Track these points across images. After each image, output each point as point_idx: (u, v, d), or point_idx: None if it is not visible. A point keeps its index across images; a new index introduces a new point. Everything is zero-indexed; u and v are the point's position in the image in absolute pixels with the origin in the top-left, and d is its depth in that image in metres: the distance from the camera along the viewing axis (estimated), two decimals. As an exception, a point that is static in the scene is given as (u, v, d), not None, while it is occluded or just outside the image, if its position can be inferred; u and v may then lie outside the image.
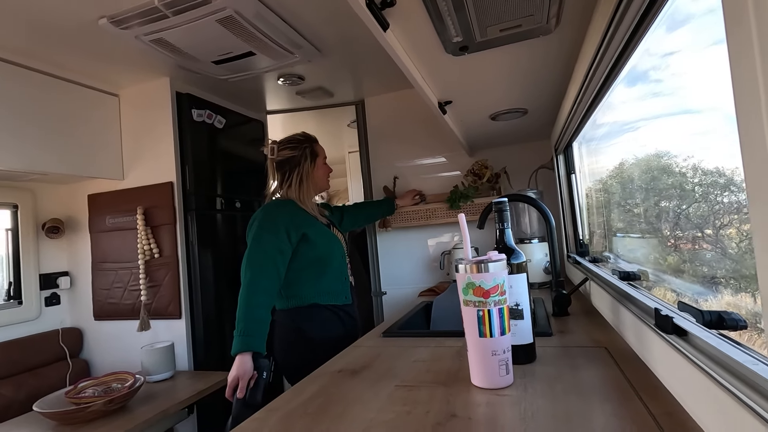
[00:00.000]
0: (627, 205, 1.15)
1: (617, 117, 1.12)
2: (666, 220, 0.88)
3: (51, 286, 2.07)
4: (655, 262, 0.96)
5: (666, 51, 0.78)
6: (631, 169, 1.08)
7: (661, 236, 0.92)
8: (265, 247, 1.44)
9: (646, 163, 0.98)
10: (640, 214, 1.06)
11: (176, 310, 1.89)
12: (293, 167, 1.60)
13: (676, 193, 0.83)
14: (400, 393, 0.78)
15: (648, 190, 0.97)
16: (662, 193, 0.89)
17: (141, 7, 1.38)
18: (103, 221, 2.04)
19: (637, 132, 1.04)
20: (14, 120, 1.63)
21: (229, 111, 2.23)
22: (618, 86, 0.99)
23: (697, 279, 0.77)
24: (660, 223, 0.92)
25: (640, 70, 0.88)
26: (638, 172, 1.04)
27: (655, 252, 0.97)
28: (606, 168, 1.32)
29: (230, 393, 1.28)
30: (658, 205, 0.92)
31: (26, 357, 1.88)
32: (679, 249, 0.85)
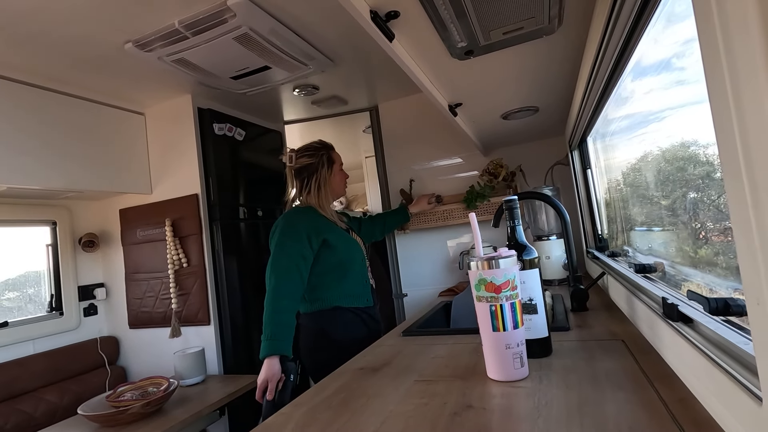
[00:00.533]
0: (653, 198, 1.11)
1: (640, 108, 1.10)
2: (696, 211, 0.86)
3: (88, 297, 2.19)
4: (684, 255, 0.94)
5: (688, 38, 0.77)
6: (657, 160, 1.06)
7: (690, 228, 0.90)
8: (288, 253, 1.49)
9: (672, 153, 0.96)
10: (667, 206, 1.04)
11: (205, 317, 1.97)
12: (311, 174, 1.65)
13: (703, 184, 0.81)
14: (418, 387, 0.81)
15: (675, 181, 0.95)
16: (689, 184, 0.87)
17: (162, 30, 1.46)
18: (134, 234, 2.14)
19: (662, 122, 1.01)
20: (51, 142, 1.74)
21: (248, 123, 2.32)
22: (641, 77, 0.98)
23: (730, 272, 0.76)
24: (689, 215, 0.89)
25: (663, 59, 0.87)
26: (663, 163, 1.02)
27: (684, 245, 0.95)
28: (628, 161, 1.30)
29: (260, 395, 1.33)
30: (686, 196, 0.89)
31: (68, 365, 1.99)
32: (711, 241, 0.83)
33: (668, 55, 0.83)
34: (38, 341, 1.96)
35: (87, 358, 2.07)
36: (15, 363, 1.81)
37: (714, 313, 0.55)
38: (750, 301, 0.34)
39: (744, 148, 0.32)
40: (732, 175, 0.35)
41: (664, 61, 0.85)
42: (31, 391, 1.82)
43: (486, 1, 0.79)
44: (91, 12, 1.33)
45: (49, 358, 1.93)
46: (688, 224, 0.85)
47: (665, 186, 0.96)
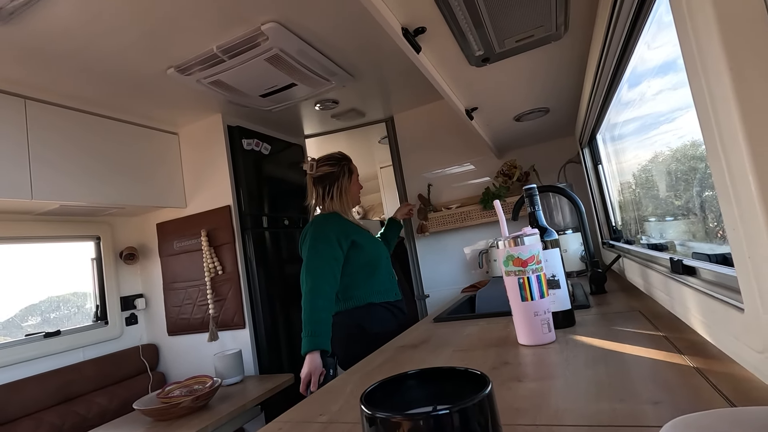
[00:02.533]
0: (667, 197, 1.15)
1: (648, 110, 1.16)
2: (710, 210, 0.88)
3: (130, 307, 2.32)
4: (694, 234, 0.97)
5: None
6: (668, 161, 1.11)
7: (707, 227, 0.93)
8: (320, 256, 1.60)
9: (683, 153, 1.01)
10: (680, 205, 1.08)
11: (240, 321, 2.09)
12: (332, 182, 1.77)
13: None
14: (458, 355, 0.91)
15: (688, 181, 0.99)
16: (703, 183, 0.90)
17: (202, 55, 1.62)
18: (170, 246, 2.29)
19: (673, 123, 1.06)
20: (96, 163, 1.90)
21: (273, 138, 2.47)
22: (649, 78, 1.05)
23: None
24: (703, 213, 0.92)
25: (670, 60, 0.94)
26: (675, 164, 1.06)
27: (693, 229, 0.99)
28: (638, 163, 1.36)
29: (304, 388, 1.43)
30: (701, 195, 0.93)
31: (114, 371, 2.11)
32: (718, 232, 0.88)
33: (673, 56, 0.91)
34: (87, 349, 2.09)
35: (130, 365, 2.19)
36: (69, 369, 1.94)
37: (715, 262, 0.65)
38: (730, 232, 0.44)
39: (720, 138, 0.43)
40: (715, 162, 0.45)
41: (669, 62, 0.94)
42: (84, 395, 1.94)
43: (501, 13, 0.91)
44: (138, 42, 1.49)
45: (97, 365, 2.06)
46: (700, 218, 0.91)
47: (677, 185, 1.02)
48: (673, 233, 1.12)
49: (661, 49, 0.89)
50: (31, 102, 1.69)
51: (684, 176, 0.95)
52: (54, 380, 1.85)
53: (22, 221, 1.94)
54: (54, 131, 1.75)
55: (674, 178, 1.04)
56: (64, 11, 1.27)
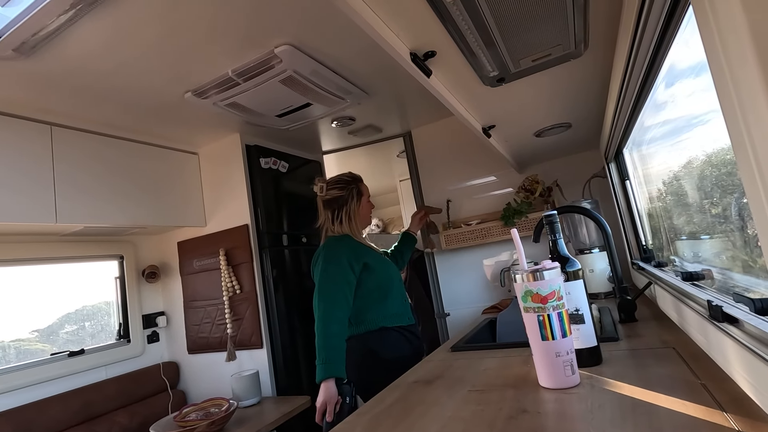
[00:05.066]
0: (703, 204, 1.06)
1: (680, 113, 1.07)
2: (746, 217, 0.81)
3: (151, 325, 2.35)
4: (743, 264, 0.90)
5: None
6: (702, 166, 1.02)
7: (747, 236, 0.85)
8: (333, 280, 1.58)
9: (719, 157, 0.93)
10: (718, 213, 0.99)
11: (258, 341, 2.07)
12: (341, 205, 1.75)
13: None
14: (473, 396, 0.85)
15: (725, 187, 0.91)
16: (742, 188, 0.80)
17: (218, 79, 1.63)
18: (191, 264, 2.31)
19: (708, 125, 0.97)
20: (119, 184, 1.94)
21: (290, 156, 2.47)
22: (683, 79, 0.97)
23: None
24: (744, 222, 0.85)
25: (703, 60, 0.85)
26: (710, 168, 0.98)
27: (742, 254, 0.91)
28: (670, 169, 1.27)
29: (320, 417, 1.40)
30: (740, 201, 0.85)
31: (135, 389, 2.13)
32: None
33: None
34: (109, 367, 2.12)
35: (151, 383, 2.21)
36: (91, 387, 1.97)
37: (760, 313, 0.58)
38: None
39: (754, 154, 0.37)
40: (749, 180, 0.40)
41: (702, 64, 0.84)
42: (105, 414, 1.96)
43: (514, 35, 0.86)
44: (157, 68, 1.52)
45: (119, 383, 2.08)
46: (738, 231, 0.85)
47: (713, 193, 0.95)
48: (710, 254, 1.03)
49: (694, 48, 0.82)
50: (57, 128, 1.74)
51: (720, 187, 0.87)
52: (77, 399, 1.88)
53: (49, 242, 2.00)
54: (78, 155, 1.80)
55: (707, 191, 0.95)
56: (83, 43, 1.30)
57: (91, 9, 1.16)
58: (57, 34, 1.24)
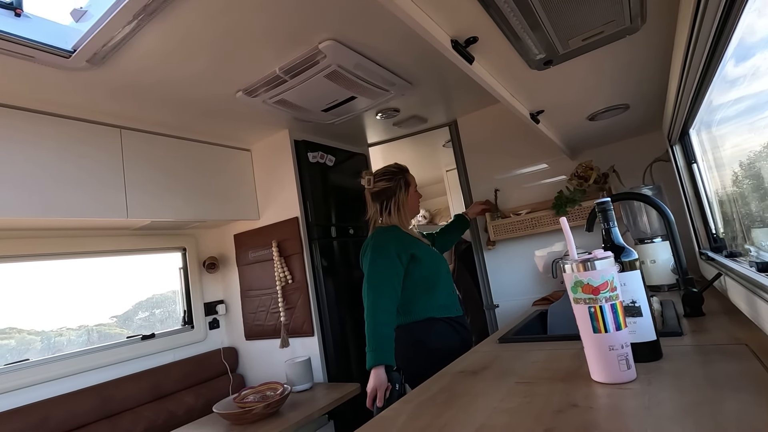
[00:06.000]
0: None
1: (763, 87, 0.98)
2: None
3: (212, 313, 2.51)
4: None
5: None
6: None
7: None
8: (380, 271, 1.60)
9: None
10: None
11: (309, 329, 2.15)
12: (389, 197, 1.77)
13: None
14: (520, 388, 0.84)
15: None
16: None
17: (266, 77, 1.69)
18: (246, 256, 2.43)
19: None
20: (181, 181, 2.08)
21: (337, 149, 2.52)
22: (760, 52, 0.88)
23: None
24: None
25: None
26: None
27: None
28: (751, 150, 1.16)
29: (370, 403, 1.44)
30: None
31: (199, 372, 2.29)
32: None
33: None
34: (176, 351, 2.29)
35: (213, 367, 2.36)
36: (160, 369, 2.14)
37: None
38: None
39: None
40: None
41: None
42: (173, 393, 2.13)
43: (562, 14, 0.82)
44: (209, 70, 1.60)
45: (185, 366, 2.25)
46: None
47: None
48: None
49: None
50: (125, 131, 1.89)
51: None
52: (148, 379, 2.06)
53: (122, 236, 2.18)
54: (144, 156, 1.95)
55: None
56: (145, 50, 1.40)
57: (151, 19, 1.25)
58: (123, 44, 1.35)
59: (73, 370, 1.87)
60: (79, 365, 1.89)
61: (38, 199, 1.58)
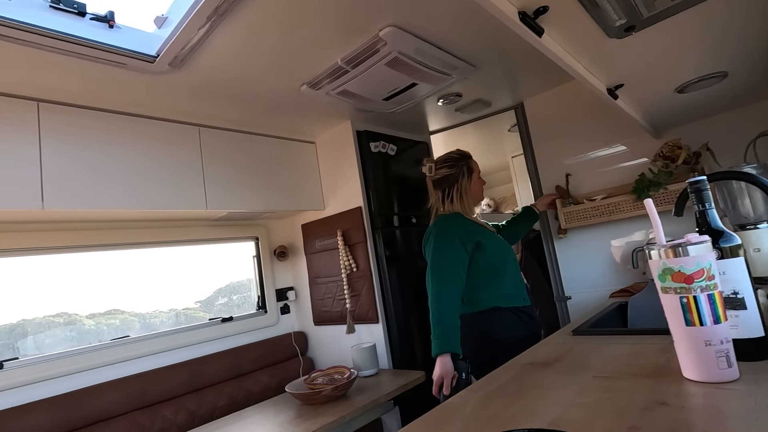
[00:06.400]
0: None
1: None
2: None
3: (283, 299, 2.65)
4: None
5: None
6: None
7: None
8: (444, 258, 1.58)
9: None
10: None
11: (374, 316, 2.19)
12: (452, 184, 1.74)
13: None
14: (598, 383, 0.78)
15: None
16: None
17: (329, 69, 1.72)
18: (313, 244, 2.53)
19: None
20: (252, 174, 2.20)
21: (398, 138, 2.52)
22: None
23: None
24: None
25: None
26: None
27: None
28: None
29: (436, 390, 1.43)
30: None
31: (273, 353, 2.43)
32: None
33: None
34: (251, 333, 2.45)
35: (285, 349, 2.50)
36: (237, 350, 2.30)
37: None
38: None
39: None
40: None
41: None
42: (250, 373, 2.29)
43: (647, -29, 0.73)
44: (276, 67, 1.66)
45: (259, 348, 2.40)
46: None
47: None
48: None
49: None
50: (203, 129, 2.04)
51: None
52: (228, 359, 2.22)
53: (201, 226, 2.37)
54: (220, 151, 2.09)
55: None
56: (216, 51, 1.49)
57: (222, 20, 1.32)
58: (198, 46, 1.44)
59: (166, 347, 2.08)
60: (170, 343, 2.09)
61: (133, 194, 1.75)
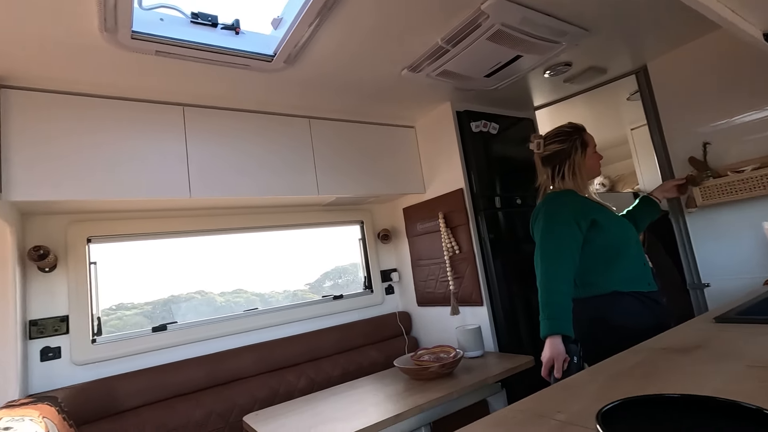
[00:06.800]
0: None
1: None
2: None
3: (387, 280, 2.76)
4: None
5: None
6: None
7: None
8: (555, 237, 1.49)
9: None
10: None
11: (478, 298, 2.17)
12: (563, 160, 1.61)
13: None
14: (754, 372, 0.68)
15: None
16: None
17: (429, 50, 1.72)
18: (415, 227, 2.58)
19: None
20: (355, 161, 2.31)
21: (500, 116, 2.42)
22: None
23: None
24: None
25: None
26: None
27: None
28: None
29: (546, 372, 1.38)
30: None
31: (379, 331, 2.56)
32: None
33: None
34: (359, 311, 2.60)
35: (390, 328, 2.61)
36: (347, 326, 2.47)
37: None
38: None
39: None
40: None
41: None
42: (359, 347, 2.44)
43: None
44: (378, 54, 1.71)
45: (367, 325, 2.54)
46: None
47: None
48: None
49: None
50: (313, 120, 2.20)
51: None
52: (339, 333, 2.40)
53: (312, 211, 2.56)
54: (327, 140, 2.23)
55: None
56: (323, 45, 1.59)
57: (329, 14, 1.40)
58: (308, 42, 1.55)
59: (286, 319, 2.31)
60: (290, 316, 2.33)
61: (259, 183, 1.97)
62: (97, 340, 1.85)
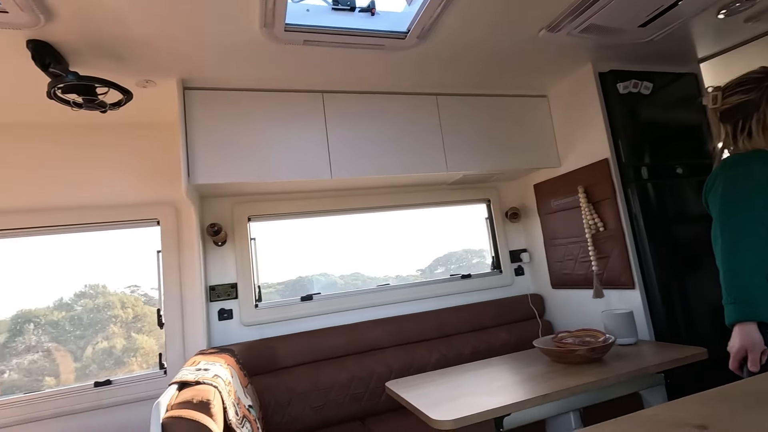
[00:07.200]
0: None
1: None
2: None
3: (516, 260, 2.64)
4: None
5: None
6: None
7: None
8: (740, 206, 1.24)
9: None
10: None
11: (629, 281, 1.94)
12: (749, 113, 1.31)
13: None
14: None
15: None
16: None
17: (571, 5, 1.56)
18: (548, 204, 2.41)
19: None
20: (482, 136, 2.23)
21: (654, 74, 2.10)
22: None
23: None
24: None
25: None
26: None
27: None
28: None
29: (734, 365, 1.18)
30: None
31: (509, 313, 2.47)
32: None
33: None
34: (487, 291, 2.54)
35: (521, 310, 2.49)
36: (477, 305, 2.43)
37: None
38: None
39: None
40: None
41: None
42: (489, 328, 2.39)
43: None
44: (510, 19, 1.60)
45: (496, 306, 2.47)
46: None
47: None
48: None
49: None
50: (440, 97, 2.18)
51: None
52: (469, 312, 2.37)
53: (439, 190, 2.56)
54: (454, 116, 2.20)
55: None
56: (453, 17, 1.54)
57: (466, -23, 1.35)
58: (443, 13, 1.52)
59: (415, 296, 2.37)
60: (419, 293, 2.38)
61: (393, 161, 2.04)
62: (259, 305, 2.12)
